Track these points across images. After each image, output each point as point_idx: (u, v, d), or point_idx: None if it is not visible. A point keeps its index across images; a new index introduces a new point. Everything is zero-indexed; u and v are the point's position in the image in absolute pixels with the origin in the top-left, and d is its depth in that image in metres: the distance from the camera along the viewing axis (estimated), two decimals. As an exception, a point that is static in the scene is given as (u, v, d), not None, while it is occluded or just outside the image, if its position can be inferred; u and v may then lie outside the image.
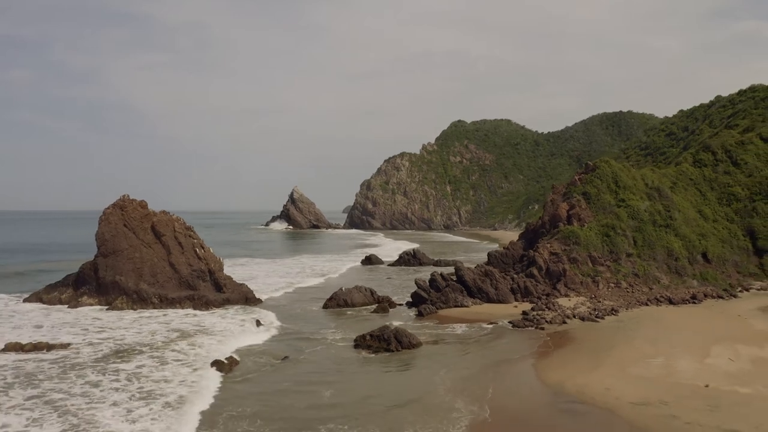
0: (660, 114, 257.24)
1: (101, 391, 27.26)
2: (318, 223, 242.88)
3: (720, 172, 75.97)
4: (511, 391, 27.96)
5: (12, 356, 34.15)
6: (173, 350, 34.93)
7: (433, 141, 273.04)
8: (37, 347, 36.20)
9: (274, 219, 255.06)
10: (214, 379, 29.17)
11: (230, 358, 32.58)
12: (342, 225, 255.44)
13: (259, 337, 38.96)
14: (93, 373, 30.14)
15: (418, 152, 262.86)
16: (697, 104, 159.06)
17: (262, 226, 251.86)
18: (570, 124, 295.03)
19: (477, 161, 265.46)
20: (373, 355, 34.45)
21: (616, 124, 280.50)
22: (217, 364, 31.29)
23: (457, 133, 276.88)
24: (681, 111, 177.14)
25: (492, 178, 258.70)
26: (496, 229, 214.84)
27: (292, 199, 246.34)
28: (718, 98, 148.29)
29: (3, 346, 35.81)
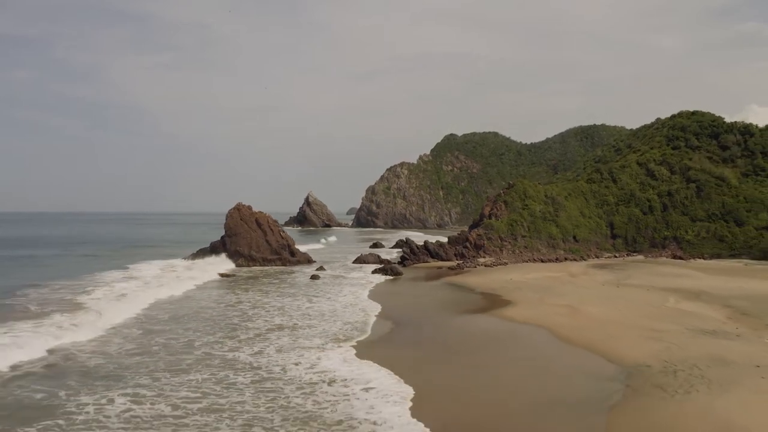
0: (629, 126, 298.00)
1: (269, 285, 68.88)
2: (329, 222, 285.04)
3: (603, 187, 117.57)
4: (433, 285, 69.59)
5: (223, 279, 75.38)
6: (288, 276, 76.87)
7: (428, 152, 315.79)
8: (229, 276, 77.95)
9: (291, 219, 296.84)
10: (319, 280, 70.80)
11: (318, 275, 74.23)
12: (350, 224, 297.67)
13: (326, 272, 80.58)
14: (259, 280, 71.95)
15: (415, 162, 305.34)
16: (691, 107, 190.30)
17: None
18: (571, 124, 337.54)
19: (466, 170, 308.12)
20: (381, 277, 76.00)
21: (589, 136, 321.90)
22: (313, 276, 73.06)
23: (449, 145, 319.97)
24: (630, 129, 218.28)
25: (479, 184, 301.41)
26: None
27: (307, 202, 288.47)
28: (658, 120, 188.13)
29: (218, 275, 77.32)
